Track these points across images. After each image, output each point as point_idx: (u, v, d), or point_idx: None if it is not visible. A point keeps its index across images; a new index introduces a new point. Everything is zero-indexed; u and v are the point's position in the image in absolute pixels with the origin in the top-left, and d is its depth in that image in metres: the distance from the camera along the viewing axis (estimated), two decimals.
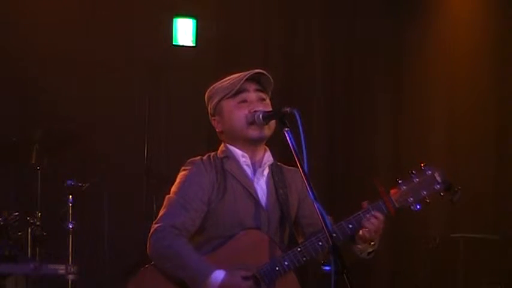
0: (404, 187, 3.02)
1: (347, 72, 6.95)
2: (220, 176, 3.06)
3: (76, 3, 6.08)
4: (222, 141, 3.18)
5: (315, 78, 6.87)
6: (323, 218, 2.68)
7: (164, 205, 3.04)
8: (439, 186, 3.03)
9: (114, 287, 5.47)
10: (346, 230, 2.98)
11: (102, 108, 6.01)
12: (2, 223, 4.87)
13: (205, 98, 3.19)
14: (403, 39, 6.92)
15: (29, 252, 5.04)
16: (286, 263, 2.95)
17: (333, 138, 6.87)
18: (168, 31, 6.34)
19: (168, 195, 3.06)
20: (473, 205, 6.09)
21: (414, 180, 3.03)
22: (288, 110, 2.89)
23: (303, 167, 2.74)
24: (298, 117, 2.81)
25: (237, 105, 3.07)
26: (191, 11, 6.39)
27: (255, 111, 3.03)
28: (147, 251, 2.99)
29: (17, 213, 4.96)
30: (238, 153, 3.11)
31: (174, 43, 6.35)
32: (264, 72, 3.10)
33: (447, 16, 6.84)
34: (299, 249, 2.96)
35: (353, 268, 2.55)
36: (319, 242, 2.95)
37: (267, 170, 3.13)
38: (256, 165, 3.11)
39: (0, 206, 5.03)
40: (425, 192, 3.02)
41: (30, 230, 5.05)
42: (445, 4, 6.87)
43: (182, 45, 6.36)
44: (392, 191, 3.02)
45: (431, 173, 3.04)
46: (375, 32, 6.96)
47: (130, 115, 6.11)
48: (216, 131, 3.18)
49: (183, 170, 3.10)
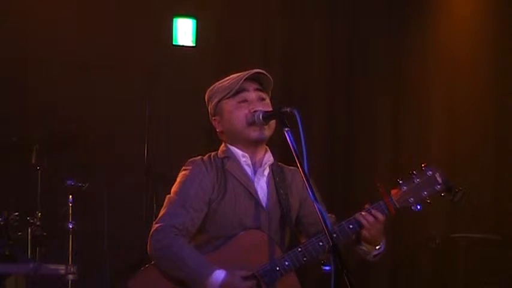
0: (405, 187, 3.03)
1: (347, 72, 6.94)
2: (221, 176, 3.06)
3: (76, 3, 6.07)
4: (222, 141, 3.18)
5: (315, 78, 6.86)
6: (323, 218, 2.68)
7: (164, 205, 3.04)
8: (440, 187, 3.04)
9: (114, 287, 5.47)
10: (347, 230, 2.98)
11: (102, 108, 6.00)
12: (2, 223, 4.87)
13: (206, 98, 3.19)
14: (403, 39, 6.91)
15: (29, 252, 5.03)
16: (286, 263, 2.95)
17: (333, 138, 6.86)
18: (168, 31, 6.33)
19: (168, 195, 3.07)
20: (474, 205, 6.08)
21: (415, 180, 3.04)
22: (288, 110, 2.89)
23: (303, 167, 2.74)
24: (298, 117, 2.81)
25: (237, 105, 3.07)
26: (191, 11, 6.39)
27: (255, 111, 3.03)
28: (148, 250, 2.99)
29: (17, 213, 4.96)
30: (239, 153, 3.11)
31: (174, 43, 6.34)
32: (264, 72, 3.10)
33: (447, 16, 6.83)
34: (299, 249, 2.96)
35: (353, 268, 2.55)
36: (320, 242, 2.95)
37: (267, 170, 3.13)
38: (256, 165, 3.11)
39: (0, 206, 5.02)
40: (426, 192, 3.03)
41: (30, 230, 5.03)
42: (445, 4, 6.86)
43: (182, 45, 6.35)
44: (393, 192, 3.03)
45: (432, 173, 3.05)
46: (375, 32, 6.95)
47: (131, 115, 6.10)
48: (216, 131, 3.18)
49: (184, 169, 3.10)
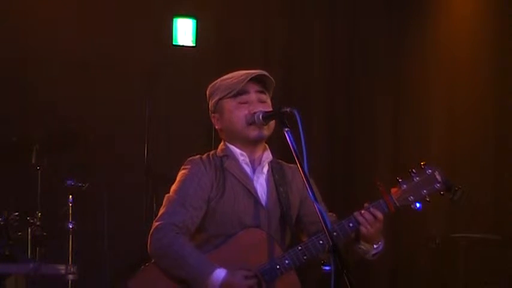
0: (405, 186, 3.03)
1: (347, 72, 6.94)
2: (220, 175, 3.06)
3: (76, 3, 6.08)
4: (221, 138, 3.18)
5: (315, 79, 6.86)
6: (323, 217, 2.68)
7: (164, 204, 3.04)
8: (439, 185, 3.04)
9: (114, 287, 5.47)
10: (347, 228, 2.98)
11: (102, 108, 6.00)
12: (2, 223, 4.87)
13: (207, 93, 3.19)
14: (403, 39, 6.91)
15: (29, 252, 5.04)
16: (286, 262, 2.95)
17: (333, 138, 6.86)
18: (168, 31, 6.34)
19: (167, 194, 3.07)
20: (473, 205, 6.08)
21: (414, 179, 3.03)
22: (288, 110, 2.89)
23: (303, 167, 2.74)
24: (298, 117, 2.81)
25: (237, 105, 3.07)
26: (191, 11, 6.39)
27: (255, 112, 3.03)
28: (148, 249, 2.99)
29: (17, 213, 4.96)
30: (237, 152, 3.11)
31: (174, 43, 6.34)
32: (266, 74, 3.09)
33: (447, 16, 6.83)
34: (300, 248, 2.96)
35: (353, 268, 2.55)
36: (320, 241, 2.95)
37: (266, 167, 3.13)
38: (255, 163, 3.11)
39: (0, 206, 5.02)
40: (426, 191, 3.03)
41: (30, 230, 5.04)
42: (445, 4, 6.86)
43: (182, 45, 6.36)
44: (393, 190, 3.03)
45: (431, 172, 3.05)
46: (375, 32, 6.95)
47: (131, 115, 6.10)
48: (215, 128, 3.19)
49: (183, 169, 3.10)
